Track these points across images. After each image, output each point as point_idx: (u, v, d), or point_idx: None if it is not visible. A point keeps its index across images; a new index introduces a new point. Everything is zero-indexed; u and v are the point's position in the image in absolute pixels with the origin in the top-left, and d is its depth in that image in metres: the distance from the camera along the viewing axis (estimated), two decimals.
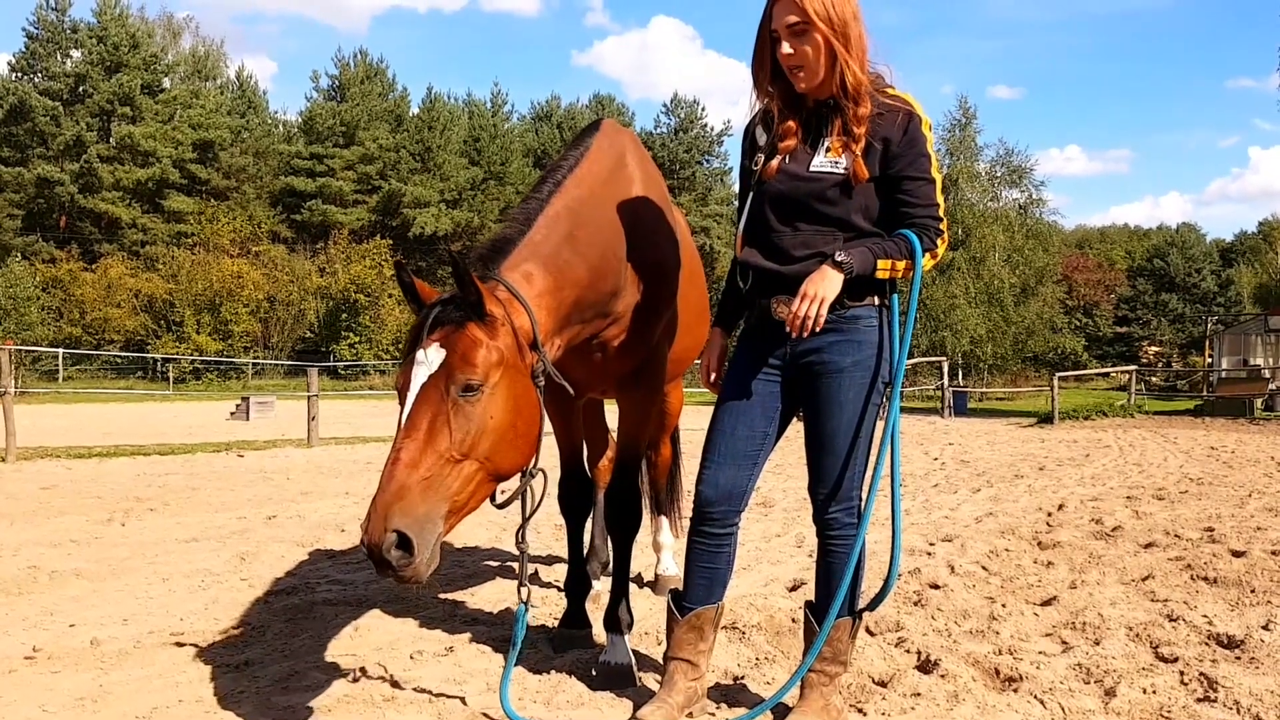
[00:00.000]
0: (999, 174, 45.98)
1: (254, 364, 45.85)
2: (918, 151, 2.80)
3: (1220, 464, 12.18)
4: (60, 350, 39.53)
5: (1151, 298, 66.65)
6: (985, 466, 12.22)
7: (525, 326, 2.84)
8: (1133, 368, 34.19)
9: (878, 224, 2.87)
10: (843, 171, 2.81)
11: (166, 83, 56.51)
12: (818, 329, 2.76)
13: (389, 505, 2.50)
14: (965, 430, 20.99)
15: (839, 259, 2.73)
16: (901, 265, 2.80)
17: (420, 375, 2.67)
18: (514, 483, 2.92)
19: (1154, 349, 63.56)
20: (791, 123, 2.90)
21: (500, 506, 2.88)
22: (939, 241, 2.84)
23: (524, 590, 3.07)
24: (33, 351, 38.12)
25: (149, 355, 43.18)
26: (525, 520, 3.02)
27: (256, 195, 55.39)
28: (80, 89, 52.45)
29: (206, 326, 46.86)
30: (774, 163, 2.91)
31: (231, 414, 24.73)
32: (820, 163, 2.84)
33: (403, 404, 2.68)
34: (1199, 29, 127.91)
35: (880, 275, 2.80)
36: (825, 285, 2.73)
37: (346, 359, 47.38)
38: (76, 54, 53.32)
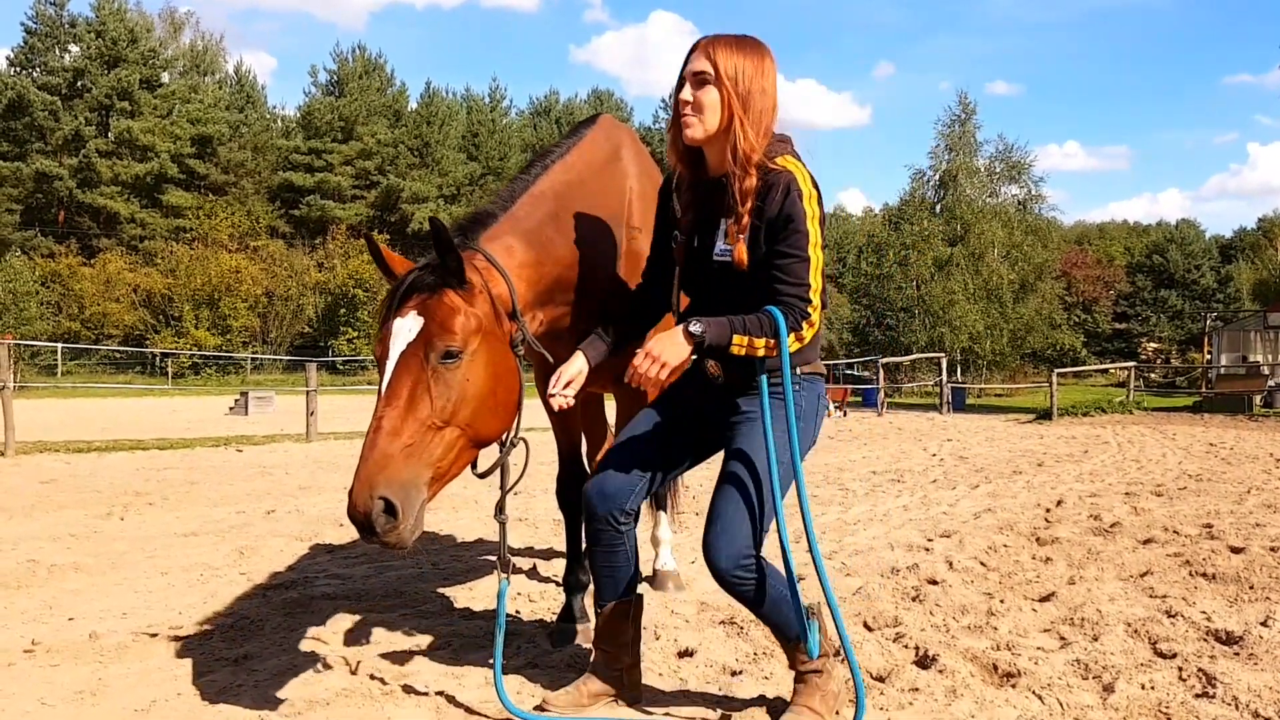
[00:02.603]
0: (998, 170, 46.05)
1: (253, 359, 45.85)
2: (793, 228, 2.72)
3: (1219, 460, 12.18)
4: (59, 345, 39.52)
5: (1150, 294, 66.68)
6: (984, 463, 12.23)
7: (503, 295, 2.86)
8: (1131, 364, 34.23)
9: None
10: (733, 259, 2.82)
11: (165, 78, 56.44)
12: (647, 388, 2.75)
13: (373, 473, 2.54)
14: (964, 426, 21.00)
15: (692, 329, 2.69)
16: (761, 343, 2.71)
17: (399, 343, 2.69)
18: (495, 453, 2.93)
19: (1153, 345, 63.54)
20: (690, 198, 2.92)
21: (481, 476, 2.89)
22: (804, 324, 2.73)
23: (504, 565, 3.08)
24: (31, 346, 38.14)
25: (148, 350, 43.21)
26: (504, 491, 3.03)
27: (255, 190, 55.37)
28: (78, 84, 52.40)
29: (205, 321, 46.84)
30: (679, 246, 2.96)
31: (230, 409, 24.72)
32: (720, 250, 2.85)
33: (382, 372, 2.69)
34: (1197, 26, 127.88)
35: (735, 351, 2.72)
36: (669, 350, 2.69)
37: (345, 354, 47.37)
38: (75, 49, 53.28)
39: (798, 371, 2.89)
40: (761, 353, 2.73)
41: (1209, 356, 33.08)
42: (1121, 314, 66.23)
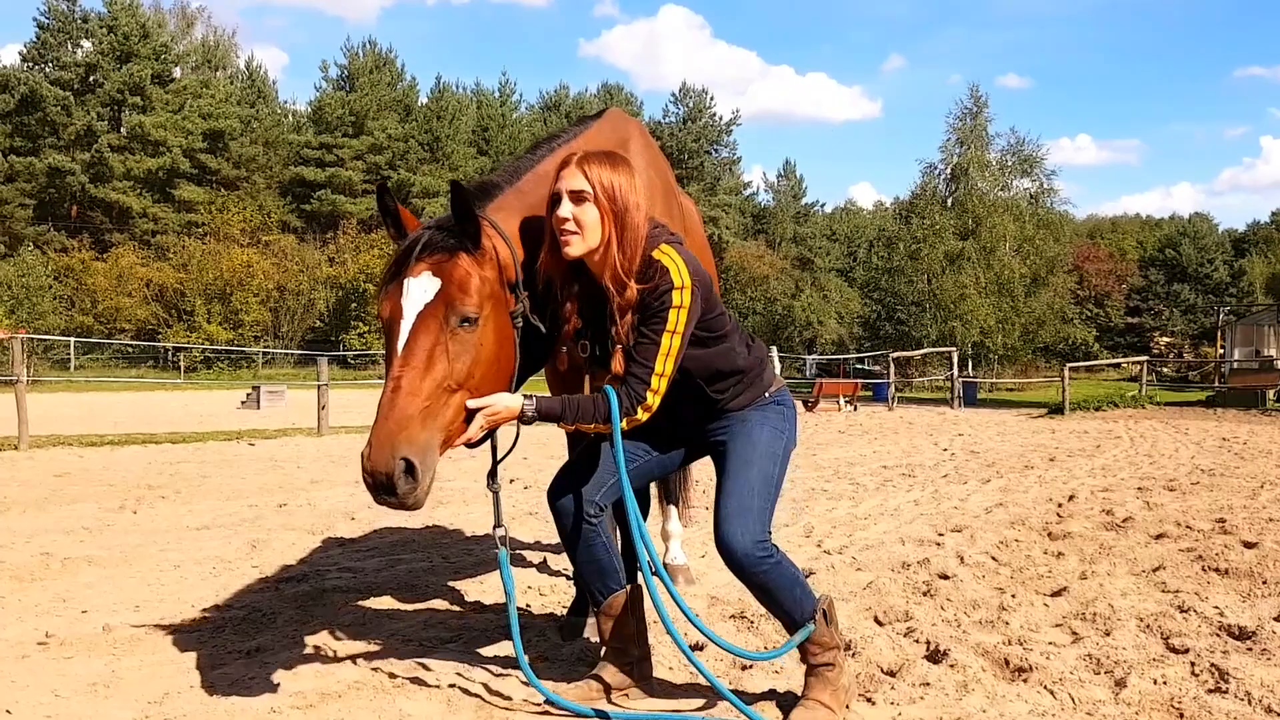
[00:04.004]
0: (1010, 163, 45.78)
1: (264, 353, 45.96)
2: (656, 315, 2.80)
3: (1232, 455, 12.13)
4: (72, 339, 39.64)
5: (1163, 288, 66.31)
6: (995, 457, 12.19)
7: (507, 263, 2.87)
8: (1144, 358, 34.04)
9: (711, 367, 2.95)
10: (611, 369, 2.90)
11: (177, 72, 56.62)
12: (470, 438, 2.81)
13: (394, 434, 2.55)
14: (975, 421, 20.93)
15: (526, 405, 2.76)
16: (590, 426, 2.81)
17: (414, 303, 2.68)
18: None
19: (1165, 340, 63.22)
20: (576, 306, 2.94)
21: (472, 447, 2.89)
22: (639, 407, 2.81)
23: (500, 531, 3.09)
24: (45, 340, 38.30)
25: (160, 344, 43.35)
26: (496, 461, 3.06)
27: (266, 185, 55.48)
28: (91, 79, 52.57)
29: (217, 316, 46.99)
30: (580, 347, 3.00)
31: (242, 403, 24.81)
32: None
33: (395, 331, 2.69)
34: (1208, 18, 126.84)
35: (564, 428, 2.87)
36: (496, 410, 2.75)
37: (356, 348, 47.47)
38: (87, 44, 53.48)
39: (766, 396, 3.05)
40: (591, 432, 2.85)
41: (1222, 351, 32.92)
42: (1134, 308, 65.87)
